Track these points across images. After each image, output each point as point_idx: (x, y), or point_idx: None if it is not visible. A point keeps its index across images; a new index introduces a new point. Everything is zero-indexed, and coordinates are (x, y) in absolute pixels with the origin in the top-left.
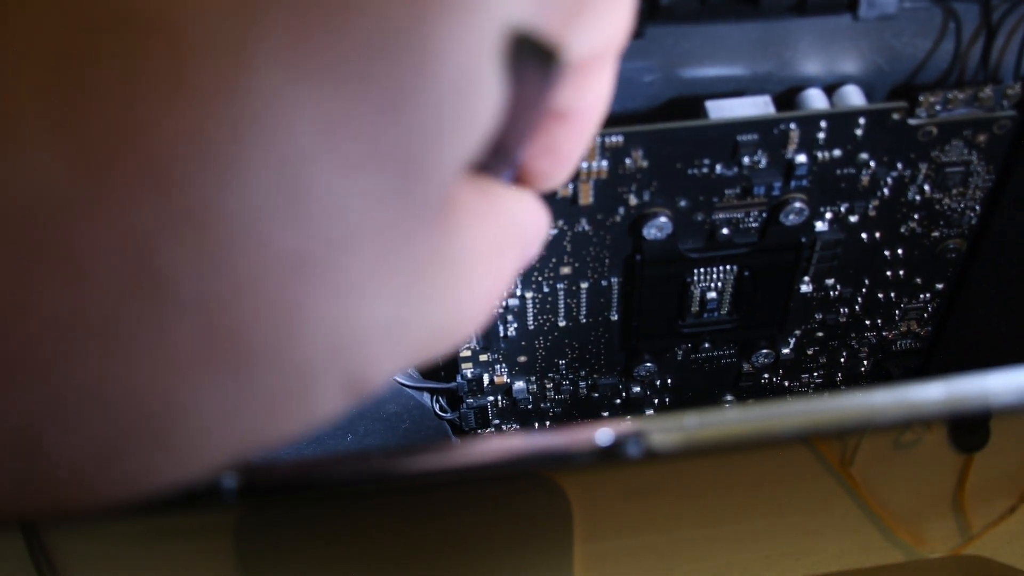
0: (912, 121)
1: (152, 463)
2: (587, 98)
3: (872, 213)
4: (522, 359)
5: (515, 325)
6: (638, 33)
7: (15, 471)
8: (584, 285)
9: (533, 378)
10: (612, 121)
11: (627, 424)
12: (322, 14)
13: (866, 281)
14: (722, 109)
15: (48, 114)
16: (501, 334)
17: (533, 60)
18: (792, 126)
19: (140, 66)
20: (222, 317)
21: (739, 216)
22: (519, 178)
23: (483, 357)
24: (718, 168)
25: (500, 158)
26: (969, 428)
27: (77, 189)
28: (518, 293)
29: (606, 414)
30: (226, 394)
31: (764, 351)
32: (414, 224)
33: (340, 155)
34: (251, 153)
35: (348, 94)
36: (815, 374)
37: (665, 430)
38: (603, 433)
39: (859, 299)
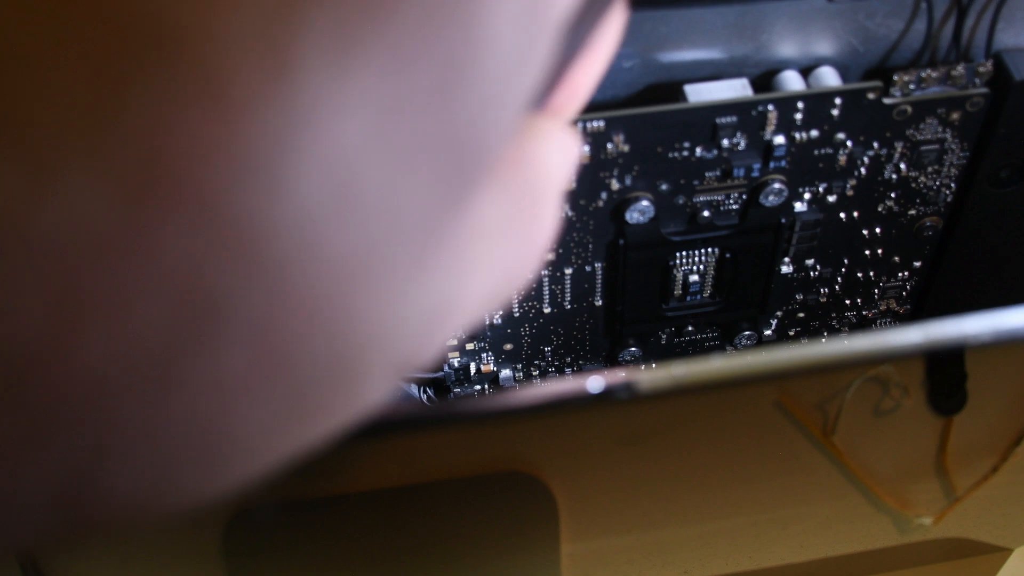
0: (887, 100)
1: (205, 482)
2: (605, 32)
3: (850, 192)
4: (508, 347)
5: (500, 313)
6: None
7: (62, 509)
8: (568, 271)
9: (519, 365)
10: (593, 107)
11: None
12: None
13: (845, 261)
14: (700, 92)
15: (79, 144)
16: (486, 322)
17: None
18: (770, 107)
19: (172, 82)
20: (275, 336)
21: (720, 198)
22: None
23: (469, 346)
24: (698, 151)
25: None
26: (947, 391)
27: (116, 224)
28: None
29: None
30: (279, 410)
31: (746, 333)
32: (458, 206)
33: (392, 149)
34: (299, 161)
35: (397, 82)
36: None
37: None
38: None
39: (839, 279)
